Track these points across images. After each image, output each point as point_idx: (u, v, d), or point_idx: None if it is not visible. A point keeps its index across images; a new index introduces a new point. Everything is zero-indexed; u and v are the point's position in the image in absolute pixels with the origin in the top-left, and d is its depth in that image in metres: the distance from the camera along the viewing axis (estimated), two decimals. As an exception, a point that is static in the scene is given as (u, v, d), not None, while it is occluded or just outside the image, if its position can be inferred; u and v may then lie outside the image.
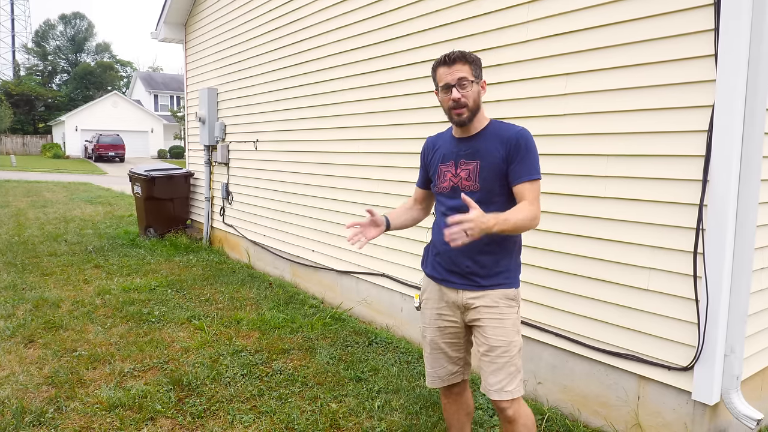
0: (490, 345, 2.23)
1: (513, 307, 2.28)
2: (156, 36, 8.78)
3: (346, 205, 5.10)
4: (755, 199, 2.57)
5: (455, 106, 2.22)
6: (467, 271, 2.27)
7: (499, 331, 2.23)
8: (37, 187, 17.31)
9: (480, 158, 2.25)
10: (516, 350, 2.25)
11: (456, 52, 2.23)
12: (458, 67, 2.20)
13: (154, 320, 4.75)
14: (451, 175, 2.32)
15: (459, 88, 2.19)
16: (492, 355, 2.24)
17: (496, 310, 2.25)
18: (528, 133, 2.24)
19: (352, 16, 4.87)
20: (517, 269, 2.35)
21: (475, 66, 2.24)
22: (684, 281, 2.73)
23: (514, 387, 2.24)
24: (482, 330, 2.26)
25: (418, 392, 3.48)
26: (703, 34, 2.61)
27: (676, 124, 2.74)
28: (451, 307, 2.36)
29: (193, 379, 3.61)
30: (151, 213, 8.33)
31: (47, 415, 3.18)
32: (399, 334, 4.57)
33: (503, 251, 2.28)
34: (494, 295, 2.26)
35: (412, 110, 4.31)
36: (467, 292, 2.29)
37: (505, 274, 2.28)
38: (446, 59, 2.23)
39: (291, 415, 3.21)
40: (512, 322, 2.26)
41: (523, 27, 3.41)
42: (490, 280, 2.26)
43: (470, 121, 2.25)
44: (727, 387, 2.67)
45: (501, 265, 2.28)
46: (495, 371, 2.23)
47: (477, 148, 2.27)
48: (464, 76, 2.20)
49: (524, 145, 2.20)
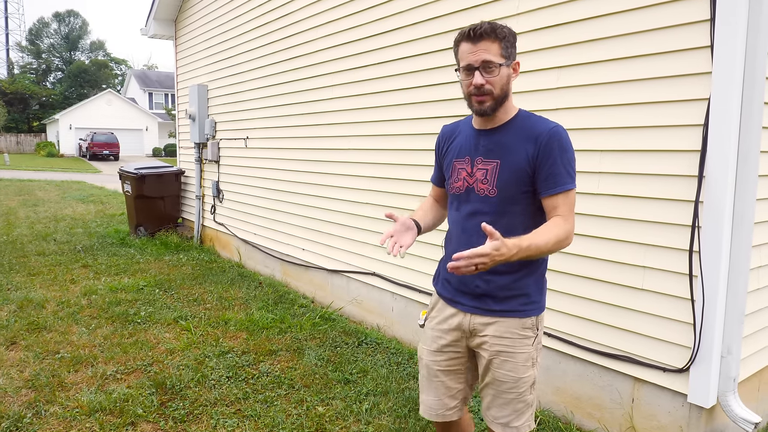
0: (495, 379, 1.94)
1: (529, 338, 1.92)
2: (146, 32, 8.67)
3: (336, 203, 5.01)
4: (753, 195, 2.49)
5: (476, 93, 1.83)
6: (478, 291, 1.93)
7: (508, 365, 1.91)
8: (30, 186, 17.16)
9: (500, 157, 1.88)
10: (526, 386, 1.93)
11: (485, 25, 1.80)
12: (485, 44, 1.79)
13: (140, 321, 4.65)
14: (466, 174, 1.95)
15: (484, 72, 1.80)
16: (496, 389, 1.95)
17: (507, 342, 1.91)
18: (563, 130, 1.85)
19: (340, 11, 4.77)
20: (539, 292, 1.96)
21: (506, 44, 1.82)
22: (679, 280, 2.65)
23: (522, 423, 1.94)
24: (488, 362, 1.95)
25: (407, 394, 3.39)
26: (699, 25, 2.52)
27: (671, 117, 2.65)
28: (456, 331, 2.00)
29: (176, 382, 3.51)
30: (141, 211, 8.22)
31: (25, 420, 3.08)
32: (390, 334, 4.48)
33: (523, 270, 1.90)
34: (507, 324, 1.91)
35: (402, 106, 4.22)
36: (476, 317, 1.94)
37: (522, 299, 1.91)
38: (471, 33, 1.81)
39: (276, 419, 3.12)
40: (526, 356, 1.91)
41: (514, 19, 3.32)
42: (504, 304, 1.91)
43: (494, 111, 1.87)
44: (724, 389, 2.59)
45: (519, 286, 1.90)
46: (500, 405, 1.95)
47: (499, 143, 1.89)
48: (490, 59, 1.79)
49: (558, 146, 1.81)
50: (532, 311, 1.93)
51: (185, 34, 8.19)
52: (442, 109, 3.87)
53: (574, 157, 1.87)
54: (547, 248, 1.75)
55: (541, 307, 1.96)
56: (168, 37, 8.70)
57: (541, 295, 1.97)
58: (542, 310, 1.97)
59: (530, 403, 1.96)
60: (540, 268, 1.95)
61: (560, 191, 1.82)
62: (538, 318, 1.95)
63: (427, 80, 3.96)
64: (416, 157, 4.12)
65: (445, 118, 3.84)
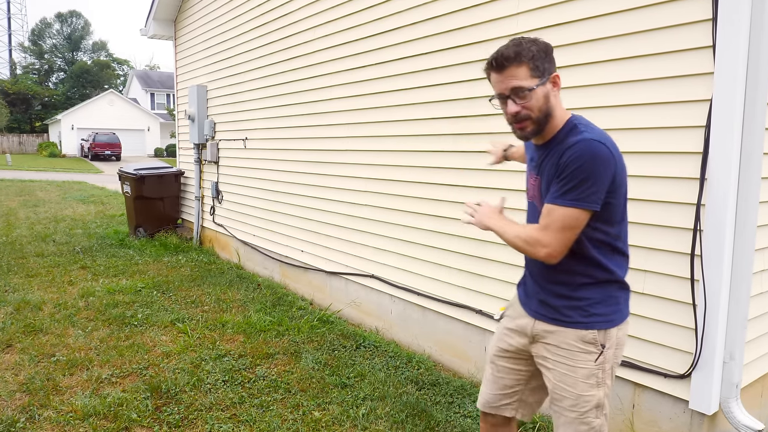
0: (556, 393, 1.89)
1: (591, 354, 1.81)
2: (145, 33, 8.64)
3: (335, 204, 4.97)
4: (756, 198, 2.44)
5: (513, 121, 1.81)
6: (539, 298, 1.93)
7: (568, 380, 1.84)
8: (31, 186, 17.15)
9: (542, 174, 1.87)
10: (590, 407, 1.83)
11: (507, 51, 1.74)
12: (511, 71, 1.74)
13: (136, 323, 4.62)
14: (530, 186, 1.99)
15: (517, 99, 1.76)
16: (559, 405, 1.89)
17: (567, 354, 1.84)
18: (587, 145, 1.71)
19: (339, 10, 4.73)
20: (605, 305, 1.83)
21: (535, 63, 1.74)
22: (681, 285, 2.60)
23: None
24: (549, 374, 1.91)
25: (405, 399, 3.35)
26: (700, 24, 2.48)
27: (672, 119, 2.61)
28: (521, 333, 2.00)
29: (172, 386, 3.47)
30: (140, 212, 8.19)
31: (18, 425, 3.05)
32: (388, 336, 4.44)
33: (583, 279, 1.83)
34: (567, 335, 1.84)
35: (402, 107, 4.18)
36: (540, 323, 1.92)
37: (583, 311, 1.82)
38: (494, 63, 1.76)
39: (271, 424, 3.08)
40: (587, 372, 1.82)
41: (513, 19, 3.28)
42: (563, 314, 1.85)
43: (537, 134, 1.82)
44: (726, 395, 2.55)
45: (580, 296, 1.83)
46: (563, 425, 1.89)
47: (543, 160, 1.86)
48: (519, 85, 1.73)
49: (567, 162, 1.71)
50: (595, 324, 1.82)
51: (185, 35, 8.16)
52: (442, 110, 3.83)
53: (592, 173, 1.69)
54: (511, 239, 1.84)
55: (609, 321, 1.83)
56: (168, 38, 8.67)
57: (609, 307, 1.84)
58: (611, 324, 1.84)
59: (596, 428, 1.85)
60: (604, 279, 1.84)
61: (546, 202, 1.79)
62: (605, 333, 1.83)
63: (427, 81, 3.92)
64: (416, 159, 4.08)
65: (445, 119, 3.81)
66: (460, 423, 3.12)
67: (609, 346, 1.84)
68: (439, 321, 3.97)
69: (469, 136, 3.64)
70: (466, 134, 3.66)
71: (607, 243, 1.83)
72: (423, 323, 4.12)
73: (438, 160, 3.88)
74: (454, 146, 3.75)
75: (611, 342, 1.84)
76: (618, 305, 1.87)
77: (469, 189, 3.63)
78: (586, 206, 1.71)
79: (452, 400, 3.39)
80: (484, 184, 3.53)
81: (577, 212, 1.71)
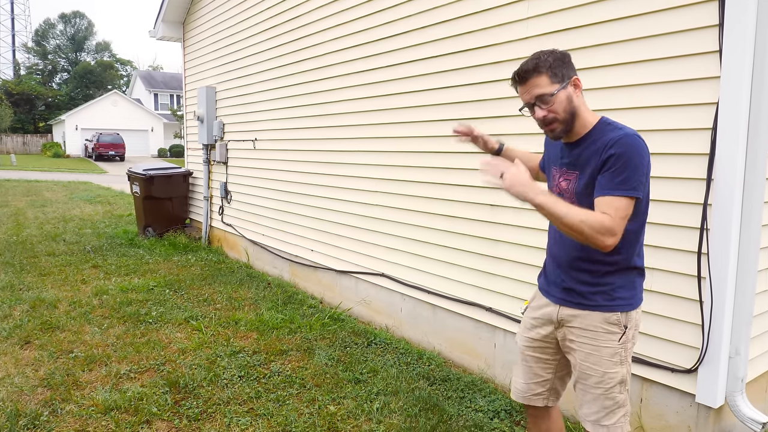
0: (583, 372, 2.02)
1: (614, 334, 1.97)
2: (154, 34, 8.73)
3: (345, 204, 5.06)
4: (761, 198, 2.52)
5: (543, 125, 1.99)
6: (564, 286, 2.07)
7: (593, 359, 1.99)
8: (37, 187, 17.26)
9: (579, 169, 1.99)
10: (614, 383, 1.98)
11: (527, 65, 1.95)
12: (533, 82, 1.94)
13: (151, 321, 4.71)
14: (556, 182, 2.11)
15: (542, 104, 1.94)
16: (585, 383, 2.02)
17: (592, 335, 1.99)
18: (630, 139, 1.87)
19: (350, 14, 4.82)
20: (627, 289, 2.00)
21: (553, 71, 1.93)
22: (688, 282, 2.68)
23: (613, 422, 1.99)
24: (575, 354, 2.05)
25: (417, 394, 3.43)
26: (708, 30, 2.56)
27: (679, 121, 2.69)
28: (546, 322, 2.14)
29: (189, 381, 3.56)
30: (149, 212, 8.28)
31: (42, 418, 3.13)
32: (398, 334, 4.52)
33: (608, 268, 1.98)
34: (592, 318, 1.99)
35: (412, 108, 4.26)
36: (564, 308, 2.07)
37: (607, 295, 1.98)
38: (516, 77, 1.98)
39: (288, 417, 3.16)
40: (612, 351, 1.97)
41: (522, 23, 3.36)
42: (589, 299, 2.00)
43: (567, 134, 2.00)
44: (732, 389, 2.63)
45: (604, 282, 1.99)
46: (589, 402, 2.02)
47: (578, 156, 2.00)
48: (541, 92, 1.92)
49: (617, 154, 1.84)
50: (618, 307, 1.98)
51: (193, 36, 8.25)
52: (451, 111, 3.91)
53: (638, 164, 1.84)
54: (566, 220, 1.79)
55: (630, 304, 2.00)
56: (176, 39, 8.76)
57: (630, 291, 2.00)
58: (632, 307, 2.00)
59: (620, 403, 2.00)
60: (625, 266, 1.99)
61: (602, 195, 1.86)
62: (627, 315, 1.99)
63: (438, 83, 4.00)
64: (427, 159, 4.16)
65: (456, 120, 3.89)
66: (471, 417, 3.20)
67: (630, 326, 2.00)
68: (450, 319, 4.05)
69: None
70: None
71: (633, 232, 1.96)
72: (433, 321, 4.20)
73: (449, 160, 3.96)
74: (465, 147, 3.83)
75: (632, 323, 2.01)
76: (636, 290, 2.03)
77: (480, 189, 3.71)
78: (637, 195, 1.86)
79: (463, 395, 3.47)
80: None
81: (632, 201, 1.86)
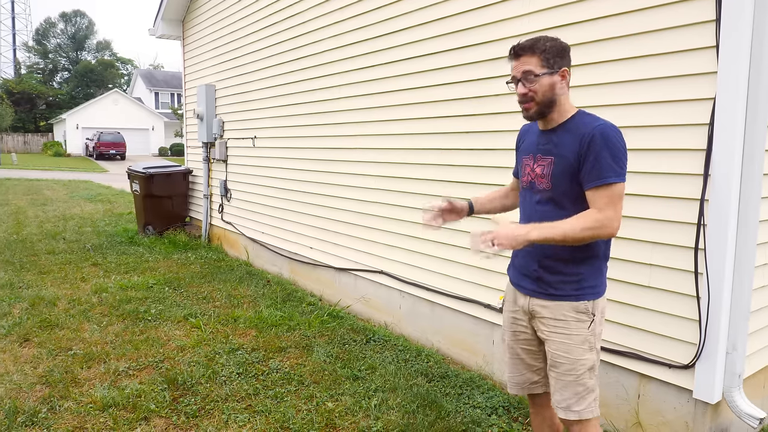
0: (554, 361, 2.09)
1: (583, 322, 2.05)
2: (154, 33, 8.73)
3: (344, 201, 5.06)
4: (758, 193, 2.52)
5: (521, 101, 2.07)
6: (535, 275, 2.12)
7: (564, 347, 2.05)
8: (38, 185, 17.29)
9: (554, 154, 2.06)
10: (584, 369, 2.05)
11: (524, 43, 2.05)
12: (525, 59, 2.03)
13: (150, 318, 4.71)
14: (530, 169, 2.16)
15: (525, 82, 2.03)
16: (556, 371, 2.09)
17: (562, 324, 2.06)
18: (610, 128, 1.97)
19: (349, 10, 4.81)
20: (594, 278, 2.08)
21: (546, 56, 2.02)
22: (685, 278, 2.68)
23: (583, 408, 2.06)
24: (547, 344, 2.12)
25: (415, 390, 3.43)
26: (705, 25, 2.55)
27: (676, 117, 2.68)
28: (522, 313, 2.21)
29: (188, 378, 3.57)
30: (149, 210, 8.29)
31: (40, 415, 3.14)
32: (397, 331, 4.52)
33: (578, 257, 2.05)
34: (562, 307, 2.07)
35: (410, 105, 4.26)
36: (534, 299, 2.14)
37: (576, 284, 2.06)
38: (512, 51, 2.07)
39: (286, 414, 3.16)
40: (581, 338, 2.04)
41: (520, 20, 3.35)
42: (558, 288, 2.07)
43: (540, 116, 2.08)
44: (729, 385, 2.62)
45: (573, 272, 2.06)
46: (561, 389, 2.09)
47: (554, 142, 2.08)
48: (530, 69, 2.01)
49: (599, 143, 1.94)
50: (586, 296, 2.06)
51: (193, 34, 8.25)
52: (450, 108, 3.91)
53: (622, 152, 1.96)
54: (574, 234, 1.90)
55: (596, 293, 2.08)
56: (176, 38, 8.76)
57: (596, 280, 2.09)
58: (598, 295, 2.08)
59: (590, 387, 2.07)
60: (595, 254, 2.07)
61: (596, 185, 1.95)
62: (594, 303, 2.07)
63: (436, 80, 4.00)
64: (424, 156, 4.16)
65: (454, 117, 3.89)
66: (469, 413, 3.20)
67: (597, 313, 2.08)
68: (448, 316, 4.05)
69: (477, 134, 3.72)
70: (474, 132, 3.74)
71: None
72: (432, 318, 4.20)
73: (446, 157, 3.96)
74: (462, 144, 3.83)
75: (599, 310, 2.09)
76: (603, 277, 2.13)
77: (476, 186, 3.71)
78: (624, 179, 1.96)
79: (461, 392, 3.47)
80: (491, 181, 3.60)
81: (624, 185, 1.96)
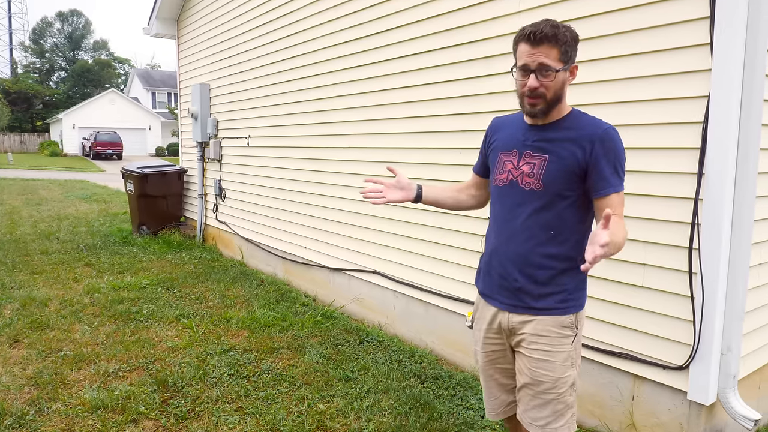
0: (533, 379, 1.92)
1: (567, 338, 1.90)
2: (148, 31, 8.68)
3: (338, 201, 5.02)
4: (752, 192, 2.49)
5: (530, 95, 1.83)
6: (515, 286, 1.93)
7: (546, 365, 1.89)
8: (33, 185, 17.22)
9: (550, 153, 1.87)
10: (566, 387, 1.91)
11: (546, 29, 1.76)
12: (545, 49, 1.77)
13: (142, 319, 4.67)
14: (512, 166, 1.94)
15: (539, 75, 1.79)
16: (535, 389, 1.92)
17: (545, 341, 1.89)
18: (615, 132, 1.84)
19: (340, 9, 4.77)
20: (578, 289, 1.93)
21: (565, 49, 1.79)
22: (679, 278, 2.65)
23: (561, 424, 1.92)
24: (526, 360, 1.93)
25: (408, 392, 3.40)
26: (699, 22, 2.52)
27: (670, 115, 2.65)
28: (499, 331, 2.02)
29: (178, 380, 3.53)
30: (144, 210, 8.24)
31: (28, 417, 3.10)
32: (391, 332, 4.49)
33: (563, 265, 1.89)
34: (545, 323, 1.89)
35: (403, 104, 4.22)
36: (514, 315, 1.95)
37: (560, 296, 1.89)
38: (531, 36, 1.78)
39: (277, 416, 3.13)
40: (565, 356, 1.90)
41: (515, 17, 3.32)
42: (541, 301, 1.89)
43: (545, 114, 1.87)
44: (724, 386, 2.60)
45: (558, 282, 1.89)
46: (538, 407, 1.93)
47: (549, 139, 1.88)
48: (548, 63, 1.78)
49: (613, 149, 1.81)
50: (570, 309, 1.91)
51: (187, 33, 8.21)
52: (442, 107, 3.88)
53: (625, 157, 1.86)
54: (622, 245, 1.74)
55: (579, 305, 1.94)
56: (170, 36, 8.71)
57: (579, 292, 1.94)
58: (581, 307, 1.94)
59: (570, 404, 1.94)
60: (577, 263, 1.88)
61: (612, 192, 1.81)
62: (577, 316, 1.93)
63: (428, 78, 3.97)
64: (418, 156, 4.12)
65: (446, 116, 3.85)
66: (462, 415, 3.17)
67: (580, 326, 1.95)
68: (442, 316, 4.02)
69: (470, 132, 3.68)
70: (467, 131, 3.71)
71: (589, 226, 1.93)
72: (425, 318, 4.17)
73: (440, 157, 3.93)
74: (456, 144, 3.80)
75: (581, 323, 1.96)
76: (584, 289, 1.98)
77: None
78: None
79: (455, 393, 3.44)
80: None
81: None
